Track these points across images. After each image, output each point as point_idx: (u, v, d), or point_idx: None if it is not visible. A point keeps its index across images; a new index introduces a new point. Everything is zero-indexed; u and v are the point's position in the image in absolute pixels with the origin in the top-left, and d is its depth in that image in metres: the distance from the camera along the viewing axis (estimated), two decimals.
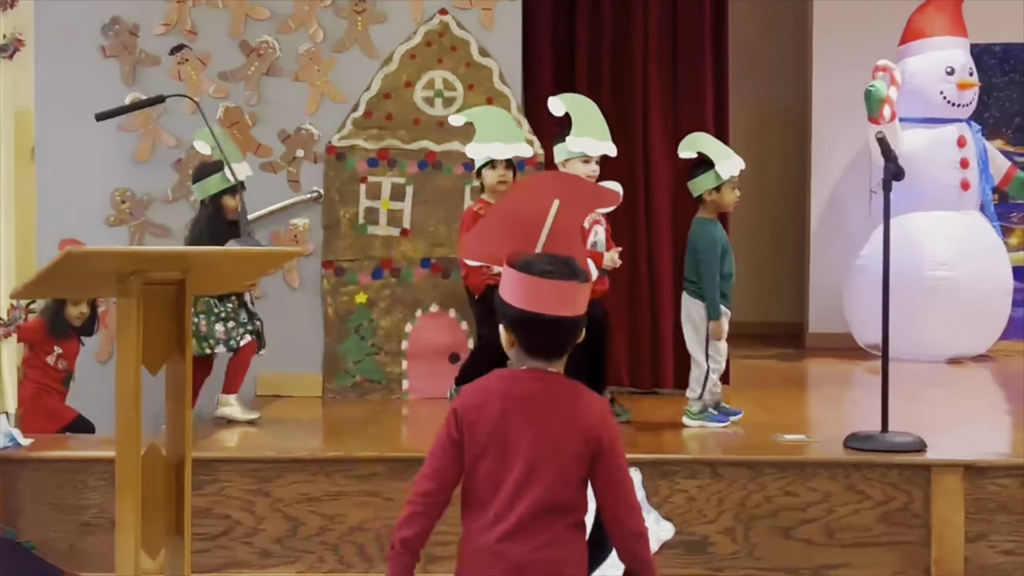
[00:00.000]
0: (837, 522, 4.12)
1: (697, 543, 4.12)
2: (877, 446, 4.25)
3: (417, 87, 5.78)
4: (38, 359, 5.27)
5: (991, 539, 4.09)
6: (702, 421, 4.86)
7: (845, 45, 8.27)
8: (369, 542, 4.18)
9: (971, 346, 7.59)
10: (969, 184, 7.64)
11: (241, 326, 5.06)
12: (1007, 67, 8.38)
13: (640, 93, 5.86)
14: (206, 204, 5.08)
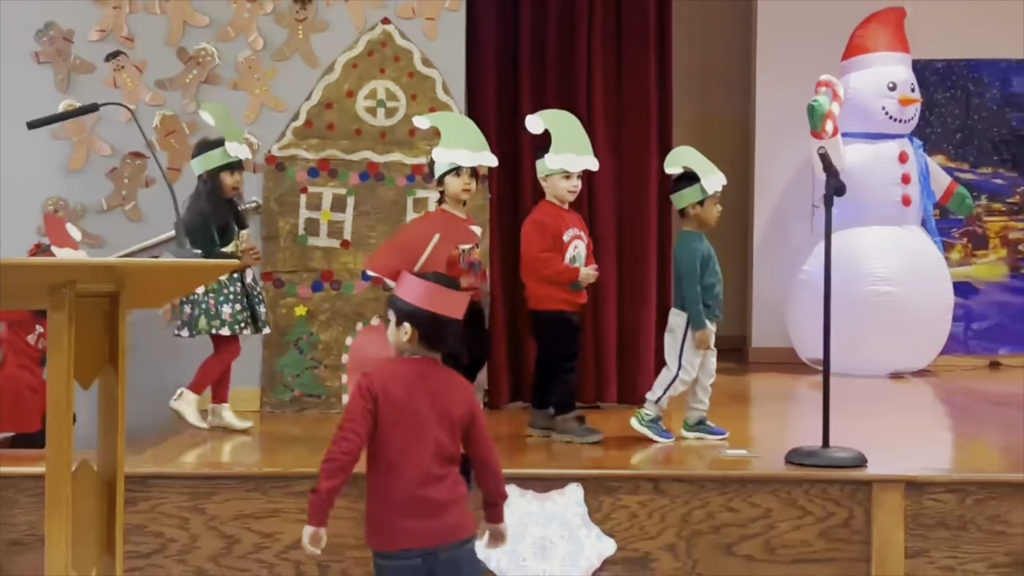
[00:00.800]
0: (778, 538, 4.15)
1: (639, 560, 4.14)
2: (818, 462, 4.29)
3: (359, 97, 5.77)
4: (17, 339, 5.12)
5: (931, 555, 4.13)
6: (649, 431, 4.87)
7: (788, 60, 8.38)
8: (306, 560, 4.15)
9: (912, 361, 7.70)
10: (911, 199, 7.76)
11: (245, 310, 5.05)
12: (948, 83, 8.52)
13: (584, 105, 5.89)
14: (204, 180, 5.04)
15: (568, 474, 4.21)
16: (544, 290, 4.94)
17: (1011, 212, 8.57)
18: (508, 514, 4.06)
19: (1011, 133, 8.55)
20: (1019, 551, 4.11)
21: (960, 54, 8.47)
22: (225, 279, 4.99)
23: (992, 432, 5.54)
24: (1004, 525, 4.13)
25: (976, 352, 8.41)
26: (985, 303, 8.50)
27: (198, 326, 4.98)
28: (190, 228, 5.00)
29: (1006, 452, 5.01)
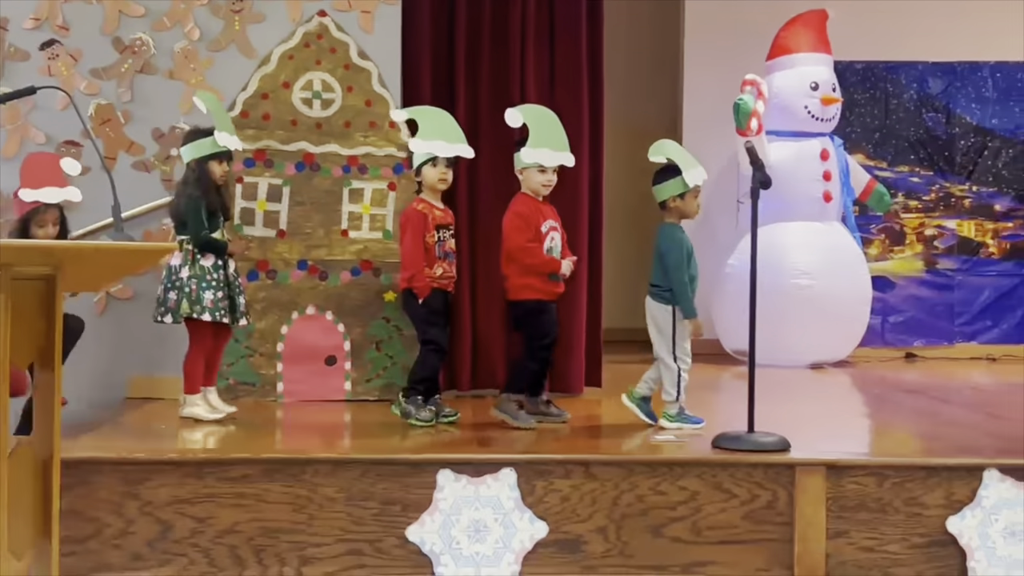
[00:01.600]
0: (705, 520, 4.19)
1: (570, 542, 4.16)
2: (743, 446, 4.34)
3: (295, 88, 5.73)
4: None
5: (851, 536, 4.20)
6: (680, 423, 4.89)
7: (715, 58, 8.46)
8: (242, 544, 4.12)
9: (832, 352, 7.82)
10: (831, 196, 7.89)
11: (227, 299, 5.01)
12: (868, 84, 8.67)
13: (518, 98, 5.87)
14: (192, 167, 5.01)
15: (502, 459, 4.22)
16: (524, 280, 4.96)
17: (927, 209, 8.74)
18: (442, 498, 4.10)
19: (927, 133, 8.72)
20: (935, 532, 4.19)
21: (879, 56, 8.62)
22: (209, 266, 4.97)
23: (908, 419, 5.65)
24: (920, 507, 4.21)
25: (892, 344, 8.57)
26: (901, 297, 8.67)
27: (180, 311, 4.95)
28: (180, 214, 5.00)
29: (921, 438, 5.12)
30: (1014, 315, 8.71)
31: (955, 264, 8.74)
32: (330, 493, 4.15)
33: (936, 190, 8.73)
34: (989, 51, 8.65)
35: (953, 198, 8.74)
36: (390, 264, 5.69)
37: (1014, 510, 4.18)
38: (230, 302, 5.04)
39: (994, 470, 4.20)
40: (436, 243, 4.95)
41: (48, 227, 4.84)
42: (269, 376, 5.64)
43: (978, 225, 8.76)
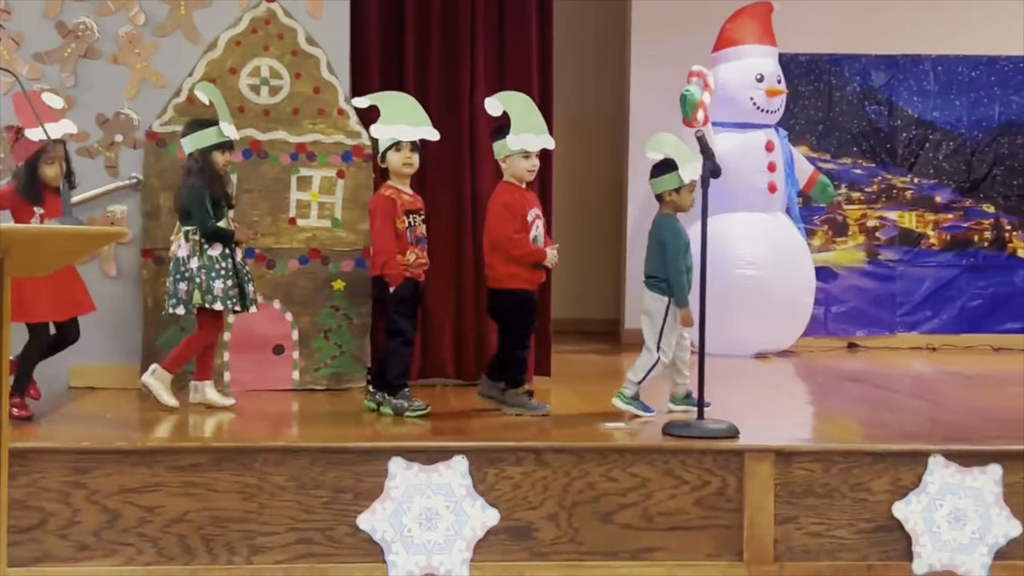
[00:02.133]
0: (655, 506, 4.21)
1: (521, 529, 4.16)
2: (693, 433, 4.38)
3: (242, 74, 5.67)
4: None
5: (799, 521, 4.25)
6: (632, 407, 4.94)
7: (662, 50, 8.50)
8: (191, 534, 4.08)
9: (777, 342, 7.90)
10: (776, 187, 7.96)
11: (236, 287, 4.97)
12: (812, 76, 8.76)
13: (467, 86, 5.90)
14: (195, 158, 4.97)
15: (453, 446, 4.21)
16: (509, 269, 4.95)
17: (869, 201, 8.85)
18: (394, 486, 4.09)
19: (869, 125, 8.82)
20: (881, 517, 4.25)
21: (823, 48, 8.71)
22: (217, 255, 4.94)
23: (852, 407, 5.72)
24: (867, 492, 4.26)
25: (835, 334, 8.67)
26: (844, 287, 8.77)
27: (193, 301, 4.92)
28: (185, 204, 4.96)
29: (866, 425, 5.19)
30: (954, 305, 8.85)
31: (896, 255, 8.86)
32: (280, 482, 4.12)
33: (878, 182, 8.84)
34: (931, 45, 8.77)
35: (895, 190, 8.86)
36: (339, 252, 5.66)
37: (958, 495, 4.25)
38: (239, 290, 5.01)
39: (939, 456, 4.27)
40: (407, 229, 4.90)
41: (57, 164, 4.78)
42: (216, 366, 5.56)
43: (919, 217, 8.89)
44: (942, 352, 8.48)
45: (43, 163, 4.76)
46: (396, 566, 4.10)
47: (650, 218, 8.51)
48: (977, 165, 8.86)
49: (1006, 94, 8.84)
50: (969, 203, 8.88)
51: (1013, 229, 8.88)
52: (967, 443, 4.42)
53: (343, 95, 5.70)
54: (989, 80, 8.83)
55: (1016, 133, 8.85)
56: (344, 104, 5.70)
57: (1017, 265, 8.87)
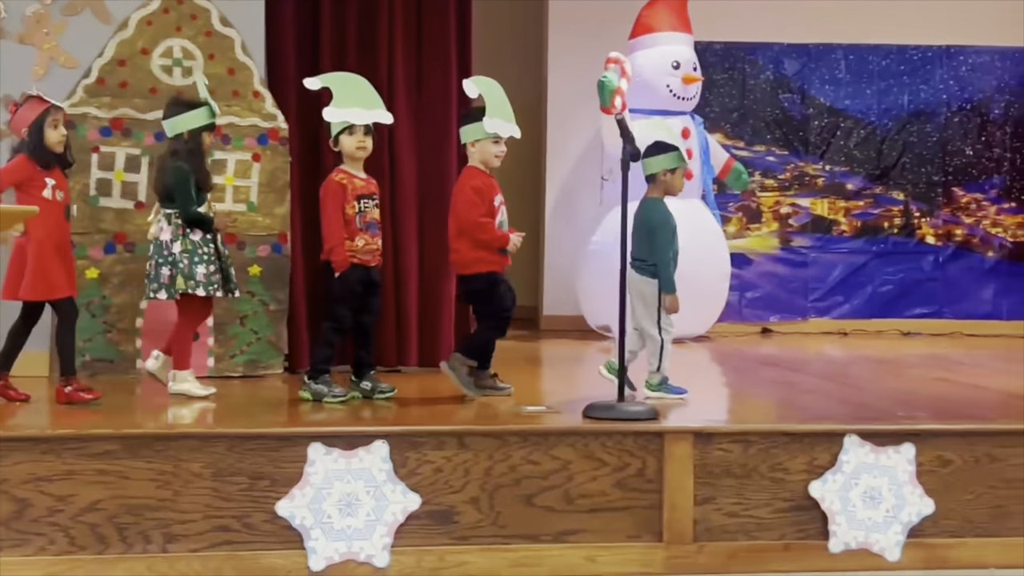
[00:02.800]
0: (576, 488, 4.21)
1: (443, 513, 4.14)
2: (614, 415, 4.38)
3: (154, 55, 5.56)
4: (34, 200, 4.63)
5: (717, 502, 4.28)
6: (662, 393, 4.97)
7: (579, 38, 8.51)
8: (103, 522, 3.98)
9: (692, 327, 7.94)
10: (692, 174, 7.99)
11: (218, 272, 4.88)
12: (727, 64, 8.84)
13: (385, 68, 5.85)
14: (183, 139, 4.87)
15: (374, 431, 4.17)
16: (477, 254, 4.93)
17: (782, 188, 8.96)
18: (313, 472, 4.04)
19: (782, 113, 8.93)
20: (798, 496, 4.30)
21: (738, 37, 8.79)
22: (199, 240, 4.86)
23: (769, 390, 5.79)
24: (783, 472, 4.31)
25: (749, 319, 8.77)
26: (758, 274, 8.87)
27: (176, 286, 4.83)
28: (169, 187, 4.84)
29: (783, 407, 5.26)
30: (864, 291, 9.01)
31: (809, 241, 8.99)
32: (196, 469, 4.04)
33: (791, 169, 8.96)
34: (842, 34, 8.91)
35: (807, 177, 8.99)
36: (255, 237, 5.57)
37: (872, 475, 4.32)
38: (223, 275, 4.92)
39: (854, 436, 4.33)
40: (357, 214, 4.81)
41: (60, 129, 4.69)
42: (128, 352, 5.48)
43: (831, 204, 9.03)
44: (853, 336, 8.63)
45: (47, 125, 4.66)
46: (316, 552, 4.05)
47: (569, 203, 8.66)
48: (887, 153, 9.02)
49: (915, 83, 9.02)
50: (879, 190, 9.04)
51: (922, 216, 9.07)
52: (880, 423, 4.49)
53: (258, 77, 5.62)
54: (899, 69, 9.00)
55: (925, 121, 9.03)
56: (259, 86, 5.61)
57: (926, 251, 9.06)
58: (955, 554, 4.34)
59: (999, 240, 9.11)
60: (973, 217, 9.09)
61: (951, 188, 9.07)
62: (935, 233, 9.08)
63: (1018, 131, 9.07)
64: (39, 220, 4.55)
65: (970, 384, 5.99)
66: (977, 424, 4.50)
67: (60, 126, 4.70)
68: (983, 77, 9.04)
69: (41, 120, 4.65)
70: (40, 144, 4.65)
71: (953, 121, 9.03)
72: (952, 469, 4.37)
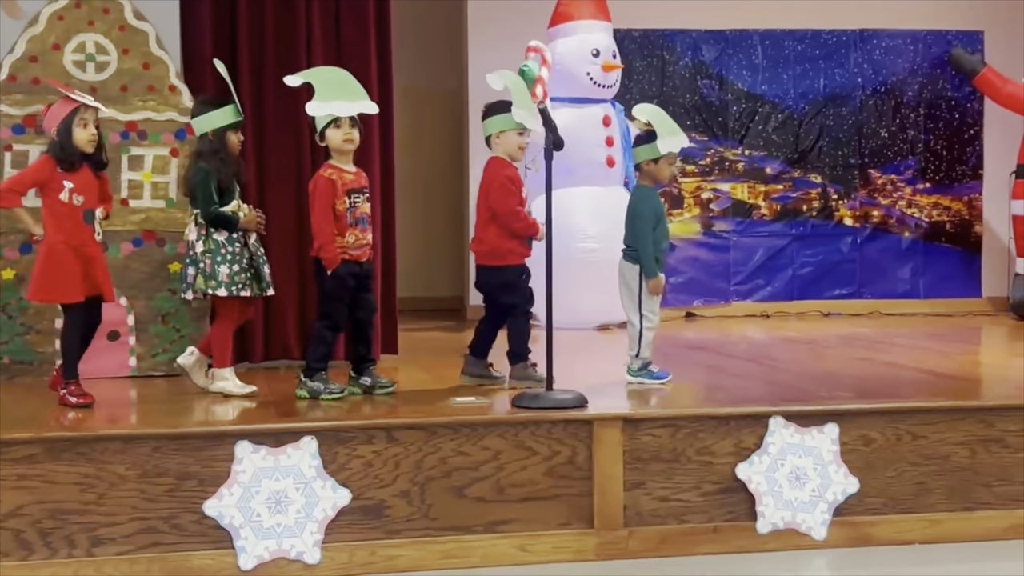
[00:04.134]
0: (507, 478, 4.22)
1: (374, 507, 4.12)
2: (543, 404, 4.40)
3: (66, 50, 5.44)
4: (51, 201, 4.55)
5: (647, 487, 4.31)
6: (641, 378, 5.07)
7: (499, 26, 8.50)
8: (27, 528, 3.91)
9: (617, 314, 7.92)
10: (614, 161, 8.05)
11: (244, 271, 4.79)
12: (645, 52, 8.89)
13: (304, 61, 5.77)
14: (209, 138, 4.78)
15: (302, 427, 4.14)
16: (509, 244, 4.98)
17: (703, 174, 9.05)
18: (241, 471, 4.00)
19: (702, 99, 9.01)
20: (724, 479, 4.35)
21: (656, 24, 8.85)
22: (223, 239, 4.78)
23: (694, 374, 5.83)
24: (711, 456, 4.36)
25: (673, 305, 8.84)
26: (681, 259, 8.94)
27: (196, 286, 4.78)
28: (192, 187, 4.77)
29: (708, 390, 5.31)
30: (784, 274, 9.13)
31: (730, 226, 9.09)
32: (120, 471, 3.98)
33: (711, 154, 9.04)
34: (758, 19, 9.01)
35: (727, 162, 9.08)
36: (174, 234, 5.48)
37: (798, 455, 4.38)
38: (255, 272, 4.84)
39: (779, 417, 4.39)
40: (347, 209, 4.73)
41: (89, 129, 4.59)
42: (47, 354, 5.36)
43: (751, 188, 9.13)
44: (775, 319, 8.76)
45: (76, 125, 4.55)
46: (245, 551, 4.01)
47: None
48: (804, 136, 9.15)
49: (830, 67, 9.15)
50: (797, 174, 9.17)
51: (839, 198, 9.21)
52: (804, 404, 4.55)
53: (174, 71, 5.53)
54: (814, 53, 9.13)
55: (840, 104, 9.17)
56: (176, 80, 5.53)
57: (844, 233, 9.21)
58: (880, 531, 4.42)
59: (915, 220, 9.29)
60: (889, 198, 9.26)
61: (867, 170, 9.23)
62: (853, 215, 9.23)
63: (931, 113, 9.26)
64: (53, 223, 4.55)
65: (890, 363, 6.10)
66: (898, 403, 4.58)
67: (90, 125, 4.59)
68: (896, 60, 9.21)
69: (69, 119, 4.56)
70: (67, 144, 4.56)
71: (868, 104, 9.19)
72: (875, 448, 4.45)
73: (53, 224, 4.58)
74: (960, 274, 9.34)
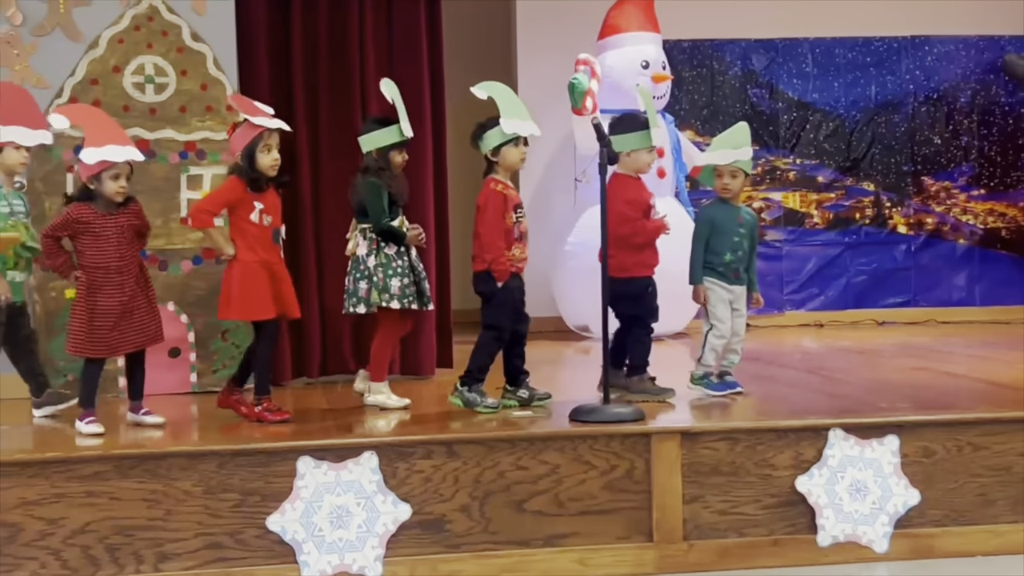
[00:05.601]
0: (565, 492, 4.24)
1: (434, 522, 4.16)
2: (600, 418, 4.42)
3: (126, 73, 5.55)
4: (241, 221, 4.65)
5: (706, 500, 4.32)
6: (701, 387, 5.12)
7: (547, 39, 8.53)
8: (95, 544, 3.98)
9: (670, 325, 7.99)
10: (665, 172, 8.05)
11: (413, 284, 4.91)
12: (695, 62, 8.89)
13: (357, 80, 5.85)
14: (374, 157, 4.90)
15: (362, 443, 4.18)
16: (636, 258, 5.01)
17: (754, 183, 9.01)
18: (303, 486, 4.05)
19: (752, 109, 8.99)
20: (785, 492, 4.34)
21: (705, 34, 8.84)
22: (393, 253, 4.90)
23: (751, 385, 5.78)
24: (771, 468, 4.35)
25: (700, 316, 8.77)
26: None
27: (371, 300, 4.87)
28: (363, 199, 4.88)
29: (765, 402, 5.29)
30: (839, 282, 9.08)
31: (782, 235, 9.06)
32: (187, 487, 4.05)
33: (762, 164, 9.01)
34: (808, 28, 8.97)
35: (778, 171, 9.05)
36: None
37: (858, 467, 4.36)
38: (417, 287, 4.94)
39: (838, 430, 4.38)
40: (514, 224, 4.82)
41: (272, 153, 4.65)
42: (110, 371, 5.42)
43: (802, 197, 9.09)
44: (829, 328, 8.70)
45: (259, 151, 4.63)
46: (308, 566, 4.06)
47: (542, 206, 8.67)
48: (856, 144, 9.10)
49: (881, 74, 9.10)
50: (850, 182, 9.12)
51: (892, 206, 9.15)
52: (863, 416, 4.54)
53: (231, 91, 5.60)
54: (865, 60, 9.08)
55: (892, 111, 9.11)
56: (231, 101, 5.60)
57: (898, 240, 9.15)
58: (941, 543, 4.39)
59: (969, 227, 9.21)
60: (943, 205, 9.19)
61: (920, 177, 9.16)
62: (906, 222, 9.17)
63: (985, 119, 9.18)
64: (243, 243, 4.63)
65: (948, 372, 6.05)
66: (959, 414, 4.55)
67: (273, 150, 4.66)
68: (948, 67, 9.14)
69: (253, 145, 4.63)
70: (251, 168, 4.65)
71: (920, 111, 9.12)
72: (936, 459, 4.42)
73: (244, 244, 4.66)
74: (1017, 280, 9.23)
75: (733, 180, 5.16)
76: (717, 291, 5.13)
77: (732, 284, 5.14)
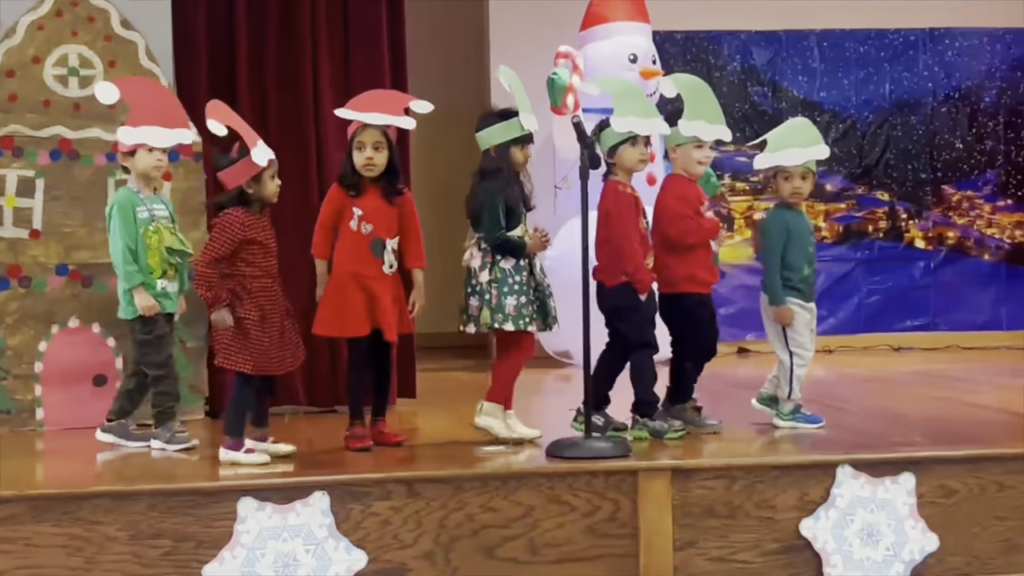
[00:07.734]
0: (541, 537, 4.23)
1: (393, 571, 4.14)
2: (581, 453, 4.41)
3: (47, 64, 5.55)
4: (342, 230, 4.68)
5: (699, 546, 4.32)
6: (793, 422, 5.10)
7: (523, 33, 8.55)
8: None
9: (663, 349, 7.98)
10: (655, 179, 8.05)
11: (531, 303, 4.80)
12: (689, 56, 8.94)
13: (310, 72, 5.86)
14: (491, 155, 4.83)
15: (311, 481, 4.16)
16: (684, 271, 4.93)
17: (755, 191, 9.06)
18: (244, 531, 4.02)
19: (752, 108, 9.05)
20: (787, 536, 4.35)
21: (700, 25, 8.89)
22: (510, 268, 4.79)
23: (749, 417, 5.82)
24: (772, 510, 4.36)
25: (724, 339, 8.73)
26: (731, 287, 8.93)
27: (481, 320, 4.77)
28: (477, 208, 4.80)
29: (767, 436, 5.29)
30: (850, 303, 9.12)
31: None
32: (111, 532, 4.02)
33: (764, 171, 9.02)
34: (815, 19, 9.04)
35: None
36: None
37: (869, 509, 4.37)
38: (540, 306, 4.85)
39: (847, 467, 4.38)
40: (647, 230, 4.84)
41: (368, 148, 4.67)
42: (26, 401, 5.43)
43: (809, 207, 9.09)
44: (839, 353, 8.73)
45: (355, 148, 4.68)
46: None
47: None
48: (868, 149, 9.17)
49: (896, 70, 9.17)
50: (862, 190, 9.18)
51: (909, 217, 9.21)
52: (875, 451, 4.55)
53: (167, 84, 5.60)
54: (878, 55, 9.16)
55: (909, 112, 9.18)
56: None
57: (915, 257, 9.20)
58: None
59: (995, 242, 9.28)
60: (966, 217, 9.26)
61: (940, 186, 9.23)
62: (925, 236, 9.23)
63: (1012, 121, 9.26)
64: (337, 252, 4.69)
65: (971, 403, 6.09)
66: (982, 449, 4.57)
67: (367, 148, 4.67)
68: (971, 62, 9.22)
69: (351, 146, 4.70)
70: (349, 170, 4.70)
71: (940, 112, 9.20)
72: (956, 500, 4.44)
73: (337, 254, 4.69)
74: None
75: (804, 182, 5.14)
76: (799, 312, 5.09)
77: (810, 302, 5.12)
